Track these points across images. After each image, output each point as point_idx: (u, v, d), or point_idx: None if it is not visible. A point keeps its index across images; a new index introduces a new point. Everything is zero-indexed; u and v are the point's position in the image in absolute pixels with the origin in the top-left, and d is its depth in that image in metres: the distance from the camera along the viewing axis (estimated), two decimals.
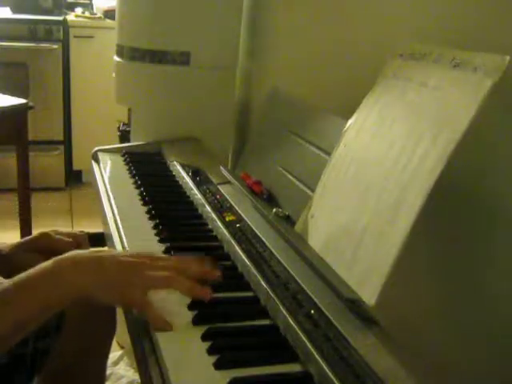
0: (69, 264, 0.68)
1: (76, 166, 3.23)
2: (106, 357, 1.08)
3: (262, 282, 0.76)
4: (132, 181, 1.22)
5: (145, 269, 0.70)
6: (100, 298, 0.68)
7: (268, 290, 0.74)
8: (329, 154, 0.89)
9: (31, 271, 0.66)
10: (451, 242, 0.68)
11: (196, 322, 0.68)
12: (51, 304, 0.66)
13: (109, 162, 1.35)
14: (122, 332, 1.68)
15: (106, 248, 0.77)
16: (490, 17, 0.77)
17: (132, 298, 0.68)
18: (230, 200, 1.06)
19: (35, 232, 0.97)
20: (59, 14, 3.11)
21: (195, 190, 1.12)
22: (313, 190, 0.89)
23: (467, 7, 0.82)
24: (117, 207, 1.05)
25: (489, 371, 0.60)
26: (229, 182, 1.13)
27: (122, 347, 1.79)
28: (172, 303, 0.71)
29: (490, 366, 0.60)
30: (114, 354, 1.74)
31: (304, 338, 0.63)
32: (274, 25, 1.58)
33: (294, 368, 0.62)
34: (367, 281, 0.67)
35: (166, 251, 0.88)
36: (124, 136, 2.27)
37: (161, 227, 0.96)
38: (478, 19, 0.79)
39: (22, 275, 0.66)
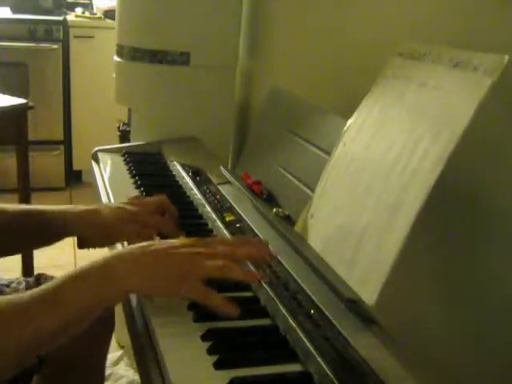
0: (121, 261, 0.66)
1: (76, 166, 3.23)
2: (105, 355, 1.08)
3: (262, 282, 0.76)
4: (132, 181, 1.22)
5: (198, 259, 0.69)
6: (157, 294, 0.68)
7: (268, 290, 0.74)
8: (329, 153, 0.89)
9: (83, 268, 0.65)
10: (451, 242, 0.68)
11: (196, 321, 0.68)
12: (103, 302, 0.64)
13: (109, 162, 1.35)
14: (121, 332, 1.68)
15: (156, 241, 0.75)
16: (490, 17, 0.77)
17: (190, 290, 0.67)
18: (230, 200, 1.06)
19: None
20: (59, 14, 3.11)
21: (195, 190, 1.12)
22: (313, 190, 0.89)
23: (467, 7, 0.82)
24: None
25: (489, 371, 0.60)
26: (229, 182, 1.13)
27: (122, 347, 1.79)
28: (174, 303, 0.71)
29: (490, 366, 0.60)
30: (114, 354, 1.74)
31: (304, 338, 0.63)
32: (273, 24, 1.58)
33: (294, 368, 0.62)
34: (367, 281, 0.67)
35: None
36: (124, 136, 2.27)
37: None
38: (478, 19, 0.79)
39: (74, 271, 0.64)
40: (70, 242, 0.94)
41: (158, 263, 0.67)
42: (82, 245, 0.89)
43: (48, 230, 0.86)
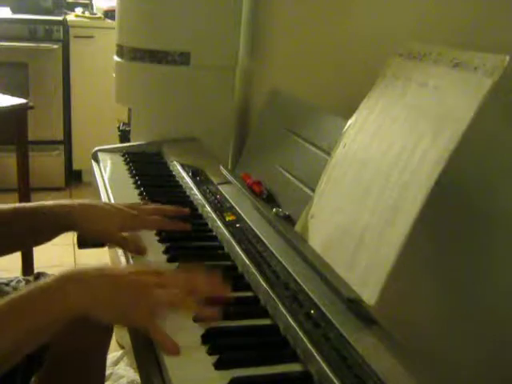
0: (71, 282, 0.64)
1: (76, 166, 3.23)
2: (105, 355, 1.07)
3: (262, 282, 0.76)
4: (132, 181, 1.22)
5: (151, 288, 0.67)
6: (102, 319, 0.65)
7: (268, 289, 0.74)
8: (329, 153, 0.89)
9: (31, 288, 0.63)
10: (451, 242, 0.68)
11: (196, 321, 0.68)
12: (47, 325, 0.62)
13: (109, 162, 1.35)
14: (121, 332, 1.68)
15: (109, 264, 0.74)
16: (490, 17, 0.77)
17: (137, 320, 0.66)
18: (230, 200, 1.06)
19: None
20: (59, 14, 3.11)
21: (195, 190, 1.12)
22: (313, 190, 0.89)
23: (467, 7, 0.82)
24: None
25: (489, 371, 0.60)
26: (229, 182, 1.13)
27: (122, 347, 1.79)
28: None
29: (490, 365, 0.60)
30: (114, 354, 1.74)
31: (304, 338, 0.63)
32: (273, 25, 1.58)
33: (294, 368, 0.62)
34: (367, 281, 0.67)
35: (166, 251, 0.88)
36: (124, 136, 2.27)
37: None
38: (478, 19, 0.79)
39: (21, 292, 0.62)
40: (69, 241, 0.94)
41: (109, 289, 0.66)
42: (81, 245, 0.89)
43: (52, 225, 0.86)
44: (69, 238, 0.89)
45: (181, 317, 0.69)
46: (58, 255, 2.22)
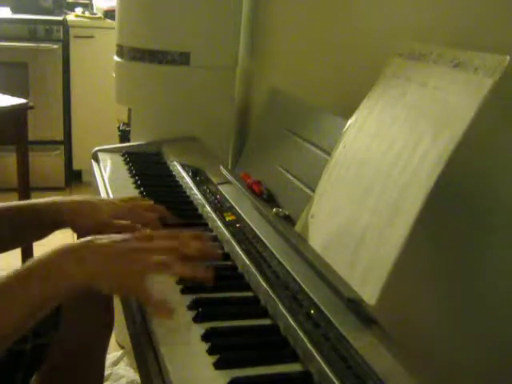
0: (65, 255, 0.66)
1: (76, 166, 3.23)
2: (105, 355, 1.07)
3: (262, 282, 0.76)
4: (132, 181, 1.22)
5: (142, 253, 0.69)
6: (99, 288, 0.67)
7: (268, 289, 0.74)
8: (329, 153, 0.89)
9: (29, 263, 0.65)
10: (451, 242, 0.68)
11: (196, 321, 0.68)
12: (48, 297, 0.64)
13: (109, 162, 1.35)
14: (122, 332, 1.68)
15: (99, 235, 0.73)
16: (490, 17, 0.77)
17: (131, 286, 0.67)
18: (230, 200, 1.06)
19: None
20: (59, 14, 3.11)
21: (195, 190, 1.12)
22: (313, 190, 0.89)
23: (467, 7, 0.82)
24: None
25: (489, 371, 0.60)
26: (229, 182, 1.13)
27: (122, 347, 1.79)
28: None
29: (490, 365, 0.60)
30: (114, 353, 1.74)
31: (304, 338, 0.63)
32: (273, 25, 1.58)
33: (294, 368, 0.62)
34: (367, 281, 0.67)
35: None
36: (124, 136, 2.27)
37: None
38: (478, 19, 0.79)
39: (22, 266, 0.64)
40: (69, 239, 0.93)
41: (101, 258, 0.67)
42: None
43: (41, 222, 0.86)
44: (68, 237, 0.89)
45: (181, 317, 0.69)
46: None
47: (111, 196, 1.11)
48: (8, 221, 0.85)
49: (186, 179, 1.19)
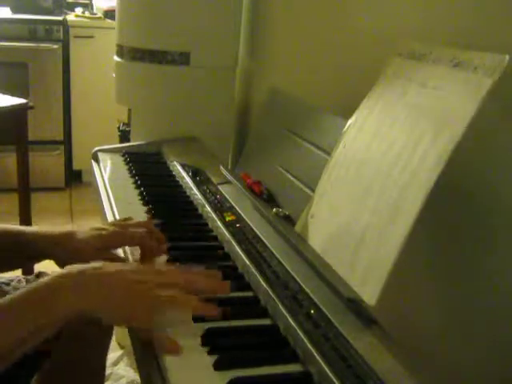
0: (68, 281, 0.63)
1: (76, 166, 3.23)
2: (105, 354, 1.07)
3: (262, 282, 0.76)
4: (132, 181, 1.22)
5: (150, 287, 0.66)
6: (101, 319, 0.64)
7: (268, 289, 0.74)
8: (329, 153, 0.89)
9: (29, 288, 0.62)
10: (451, 242, 0.68)
11: (196, 321, 0.68)
12: (45, 326, 0.61)
13: (109, 162, 1.35)
14: (121, 332, 1.68)
15: (107, 262, 0.70)
16: (490, 17, 0.77)
17: (136, 320, 0.65)
18: (230, 200, 1.06)
19: None
20: (59, 14, 3.11)
21: (195, 190, 1.12)
22: (313, 190, 0.89)
23: (467, 7, 0.81)
24: (117, 207, 1.05)
25: (489, 371, 0.60)
26: (229, 182, 1.13)
27: (122, 347, 1.79)
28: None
29: (489, 365, 0.60)
30: (114, 354, 1.74)
31: (304, 338, 0.63)
32: (273, 25, 1.58)
33: (294, 368, 0.62)
34: (367, 281, 0.67)
35: (166, 252, 0.88)
36: (124, 136, 2.27)
37: (160, 227, 0.96)
38: (478, 19, 0.79)
39: (21, 291, 0.62)
40: None
41: (107, 288, 0.64)
42: None
43: (24, 252, 0.84)
44: None
45: (180, 316, 0.69)
46: None
47: (111, 196, 1.11)
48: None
49: (186, 179, 1.19)
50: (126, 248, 0.88)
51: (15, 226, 0.87)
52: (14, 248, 0.84)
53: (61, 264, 0.82)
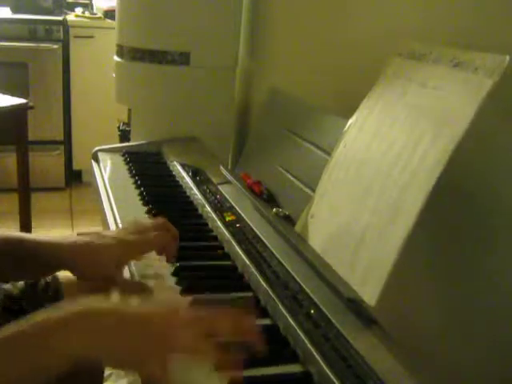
0: (76, 325, 0.55)
1: (76, 166, 3.22)
2: None
3: (262, 282, 0.76)
4: (132, 181, 1.22)
5: (170, 331, 0.57)
6: (113, 365, 0.60)
7: (268, 289, 0.74)
8: (329, 153, 0.89)
9: (32, 323, 0.54)
10: (451, 242, 0.68)
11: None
12: (42, 371, 0.54)
13: (109, 162, 1.35)
14: None
15: (125, 300, 0.61)
16: (490, 17, 0.77)
17: (151, 371, 0.56)
18: (230, 200, 1.06)
19: (36, 232, 0.95)
20: (59, 14, 3.11)
21: (195, 190, 1.12)
22: (313, 190, 0.89)
23: (467, 7, 0.82)
24: (117, 207, 1.05)
25: (489, 371, 0.60)
26: (229, 182, 1.13)
27: None
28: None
29: (490, 365, 0.60)
30: None
31: (304, 338, 0.63)
32: (273, 25, 1.58)
33: (295, 368, 0.62)
34: (368, 281, 0.67)
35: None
36: (124, 136, 2.27)
37: None
38: (478, 19, 0.79)
39: (23, 327, 0.54)
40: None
41: (123, 333, 0.56)
42: None
43: (41, 263, 0.78)
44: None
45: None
46: None
47: (111, 196, 1.11)
48: (8, 255, 0.77)
49: (186, 179, 1.19)
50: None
51: (30, 236, 0.80)
52: (29, 259, 0.78)
53: (79, 275, 0.78)
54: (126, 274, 0.82)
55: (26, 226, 2.16)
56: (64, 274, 0.81)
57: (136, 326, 0.57)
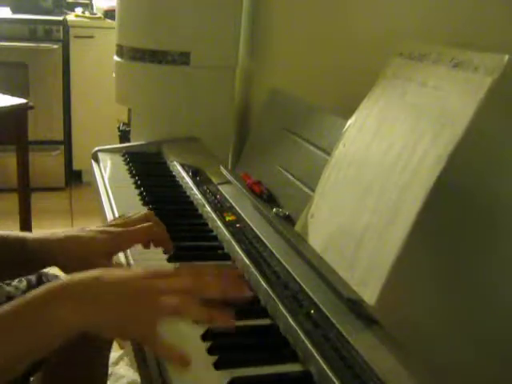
0: (63, 294, 0.57)
1: (76, 166, 3.23)
2: (108, 353, 1.07)
3: (262, 282, 0.76)
4: (132, 181, 1.22)
5: (155, 293, 0.59)
6: (100, 334, 0.59)
7: (268, 289, 0.74)
8: (329, 153, 0.89)
9: (19, 303, 0.55)
10: (451, 242, 0.68)
11: (196, 322, 0.68)
12: (37, 347, 0.55)
13: (109, 162, 1.35)
14: None
15: (108, 269, 0.63)
16: (490, 17, 0.77)
17: (139, 334, 0.59)
18: (230, 200, 1.06)
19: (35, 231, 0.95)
20: (59, 14, 3.11)
21: (195, 190, 1.12)
22: (313, 190, 0.89)
23: (467, 7, 0.82)
24: (117, 207, 1.05)
25: (489, 371, 0.60)
26: (229, 182, 1.13)
27: (122, 347, 1.79)
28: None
29: (490, 365, 0.60)
30: (114, 354, 1.74)
31: (304, 338, 0.63)
32: (273, 25, 1.58)
33: (294, 368, 0.62)
34: (368, 281, 0.67)
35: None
36: (124, 136, 2.27)
37: None
38: (478, 19, 0.79)
39: (10, 305, 0.55)
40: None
41: (107, 298, 0.58)
42: None
43: (27, 260, 0.78)
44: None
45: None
46: None
47: (111, 196, 1.11)
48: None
49: (186, 179, 1.19)
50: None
51: (15, 233, 0.81)
52: (15, 256, 0.79)
53: (67, 271, 0.78)
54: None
55: (26, 226, 2.16)
56: (65, 275, 0.80)
57: (120, 291, 0.59)
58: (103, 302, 0.58)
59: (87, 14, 3.14)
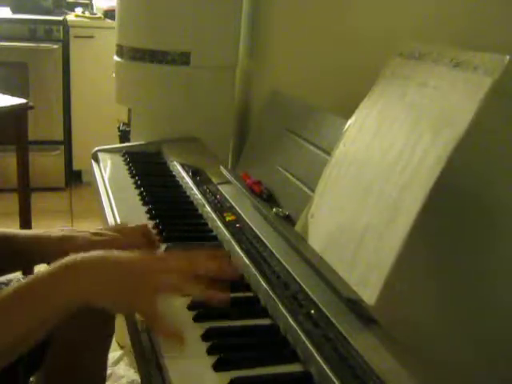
0: (69, 270, 0.62)
1: (76, 166, 3.23)
2: (106, 353, 1.07)
3: (262, 282, 0.76)
4: (132, 181, 1.22)
5: (153, 272, 0.65)
6: (104, 306, 0.64)
7: (268, 289, 0.74)
8: (329, 153, 0.89)
9: (29, 279, 0.61)
10: (451, 242, 0.68)
11: (196, 321, 0.68)
12: (46, 319, 0.61)
13: (109, 162, 1.35)
14: (121, 332, 1.68)
15: (109, 250, 0.68)
16: (490, 17, 0.77)
17: (139, 308, 0.65)
18: (230, 200, 1.06)
19: None
20: (59, 14, 3.11)
21: (195, 190, 1.12)
22: (313, 190, 0.89)
23: (467, 7, 0.82)
24: (117, 207, 1.05)
25: (489, 371, 0.60)
26: (229, 182, 1.13)
27: (122, 347, 1.79)
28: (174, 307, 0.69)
29: (490, 365, 0.60)
30: (114, 353, 1.74)
31: (304, 338, 0.63)
32: (274, 25, 1.58)
33: (294, 368, 0.62)
34: (367, 281, 0.67)
35: (166, 251, 0.88)
36: (124, 136, 2.27)
37: (161, 227, 0.96)
38: (478, 19, 0.79)
39: (22, 283, 0.61)
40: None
41: (110, 275, 0.64)
42: None
43: (21, 256, 0.82)
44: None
45: (180, 316, 0.68)
46: None
47: (111, 196, 1.11)
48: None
49: (186, 179, 1.19)
50: None
51: (10, 230, 0.83)
52: (8, 254, 0.81)
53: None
54: None
55: (26, 226, 2.15)
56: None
57: (121, 269, 0.64)
58: (104, 278, 0.63)
59: (87, 14, 3.14)
